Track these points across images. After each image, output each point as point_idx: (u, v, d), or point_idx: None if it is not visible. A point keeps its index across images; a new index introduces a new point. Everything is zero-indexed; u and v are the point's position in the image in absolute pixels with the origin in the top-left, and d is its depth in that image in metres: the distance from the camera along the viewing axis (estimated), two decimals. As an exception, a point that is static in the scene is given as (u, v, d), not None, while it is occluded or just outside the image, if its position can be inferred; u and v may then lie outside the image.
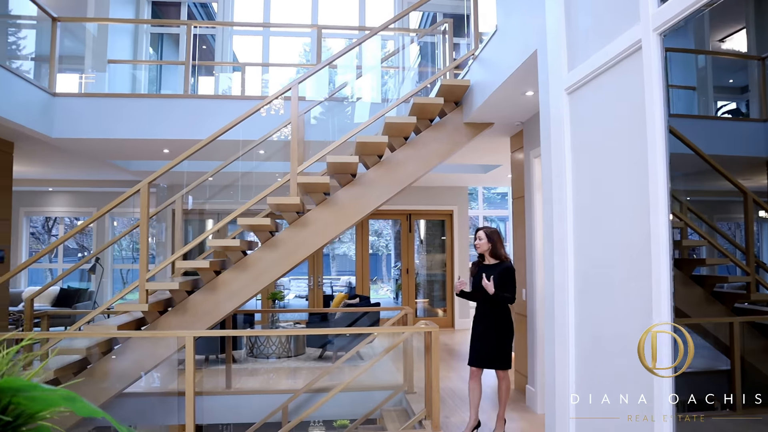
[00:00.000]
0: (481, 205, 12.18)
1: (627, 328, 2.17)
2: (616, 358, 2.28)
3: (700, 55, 2.58)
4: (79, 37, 7.34)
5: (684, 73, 2.60)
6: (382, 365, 6.73)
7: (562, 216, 2.81)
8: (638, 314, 2.11)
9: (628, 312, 2.21)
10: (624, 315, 2.24)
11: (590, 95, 2.56)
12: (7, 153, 6.52)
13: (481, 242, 4.36)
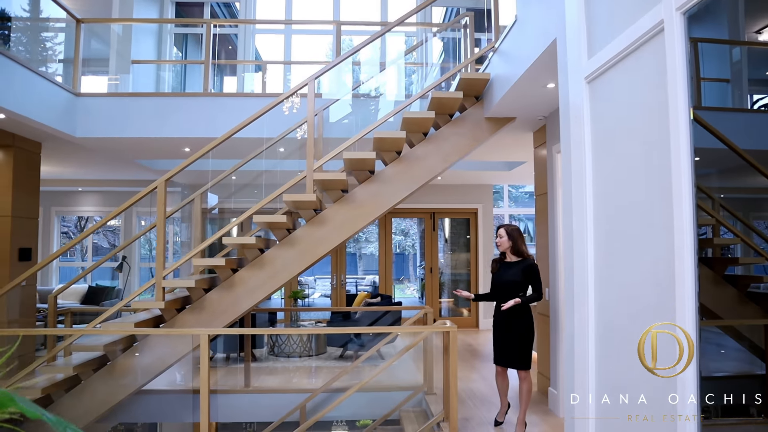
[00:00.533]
0: (506, 203, 11.98)
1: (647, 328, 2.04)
2: (636, 358, 2.14)
3: (735, 48, 2.42)
4: (105, 40, 7.45)
5: (718, 66, 2.45)
6: (403, 365, 6.64)
7: (582, 210, 2.68)
8: (660, 314, 1.98)
9: (649, 312, 2.08)
10: (646, 314, 2.10)
11: (610, 83, 2.43)
12: (35, 153, 6.64)
13: (502, 240, 4.37)
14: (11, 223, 6.18)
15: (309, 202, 4.46)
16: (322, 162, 4.61)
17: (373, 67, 7.16)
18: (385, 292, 10.26)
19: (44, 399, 4.53)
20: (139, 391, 4.89)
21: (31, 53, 6.39)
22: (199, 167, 6.78)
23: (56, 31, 6.68)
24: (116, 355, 4.61)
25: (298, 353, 7.31)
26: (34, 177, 6.64)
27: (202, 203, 10.05)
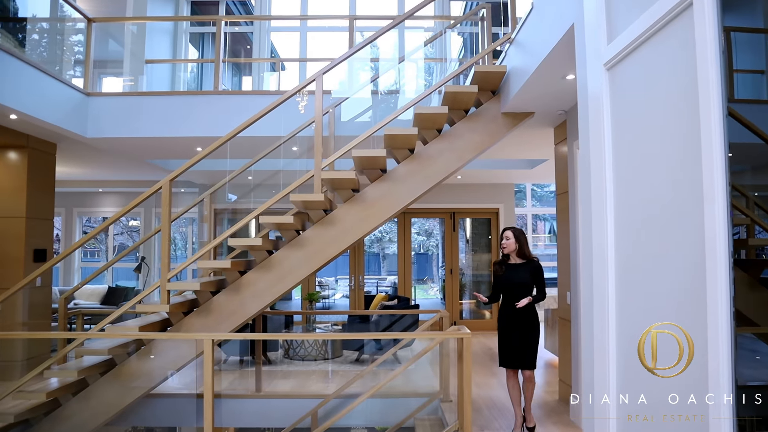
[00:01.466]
0: (529, 202, 11.67)
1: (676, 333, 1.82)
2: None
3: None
4: (121, 42, 7.43)
5: (753, 56, 2.21)
6: (420, 370, 6.44)
7: (601, 207, 2.45)
8: (689, 319, 1.76)
9: (675, 316, 1.85)
10: (671, 318, 1.88)
11: (632, 69, 2.20)
12: (50, 154, 6.63)
13: (509, 241, 4.40)
14: (26, 224, 6.16)
15: (317, 201, 4.30)
16: (330, 160, 4.45)
17: (391, 64, 6.97)
18: (404, 293, 10.07)
19: (51, 403, 4.47)
20: (148, 394, 4.82)
21: (48, 54, 6.39)
22: (217, 167, 6.72)
23: (73, 33, 6.66)
24: (123, 359, 4.52)
25: (313, 356, 7.16)
26: (48, 178, 6.62)
27: (215, 203, 10.02)
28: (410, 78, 7.01)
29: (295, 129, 5.41)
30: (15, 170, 6.20)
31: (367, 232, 4.62)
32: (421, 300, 15.17)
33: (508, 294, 4.35)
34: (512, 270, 4.37)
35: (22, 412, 4.28)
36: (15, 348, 5.62)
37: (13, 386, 4.27)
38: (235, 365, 6.91)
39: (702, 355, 1.70)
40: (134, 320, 4.44)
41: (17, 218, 6.13)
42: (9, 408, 4.36)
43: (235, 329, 4.47)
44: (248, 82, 10.56)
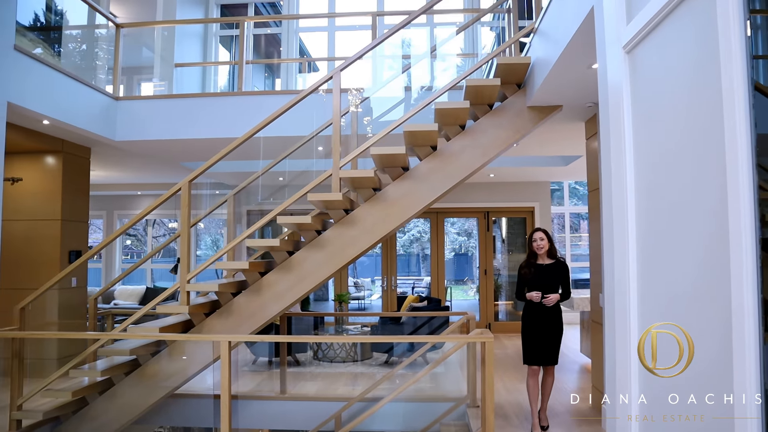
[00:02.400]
0: (567, 200, 11.31)
1: (705, 336, 1.64)
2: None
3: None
4: (150, 47, 7.56)
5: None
6: (449, 374, 6.29)
7: (622, 202, 2.27)
8: (712, 314, 1.58)
9: (700, 313, 1.67)
10: (695, 314, 1.70)
11: (651, 49, 2.02)
12: (84, 158, 6.80)
13: (543, 242, 4.54)
14: (61, 226, 6.32)
15: (335, 201, 4.21)
16: (348, 159, 4.35)
17: (422, 61, 6.84)
18: (437, 294, 9.91)
19: (79, 401, 4.54)
20: (175, 394, 4.84)
21: (81, 60, 6.55)
22: (249, 169, 6.73)
23: (106, 40, 6.80)
24: (147, 359, 4.55)
25: (342, 358, 7.09)
26: (83, 181, 6.79)
27: (247, 205, 10.08)
28: (441, 74, 6.87)
29: (317, 128, 5.35)
30: (51, 174, 6.37)
31: (389, 231, 4.50)
32: (459, 301, 14.95)
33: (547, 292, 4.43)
34: (541, 270, 4.49)
35: (50, 410, 4.36)
36: (49, 347, 5.76)
37: (41, 385, 4.35)
38: (264, 366, 6.91)
39: (709, 354, 1.52)
40: (157, 321, 4.45)
41: (53, 221, 6.30)
42: (38, 405, 4.45)
43: (256, 331, 4.43)
44: (280, 84, 10.62)
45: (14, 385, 4.28)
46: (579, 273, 11.85)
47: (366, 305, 14.46)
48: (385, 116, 6.10)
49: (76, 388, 4.30)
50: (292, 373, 6.47)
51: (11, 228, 6.30)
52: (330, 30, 8.31)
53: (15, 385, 4.27)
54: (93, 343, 4.45)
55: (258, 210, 9.47)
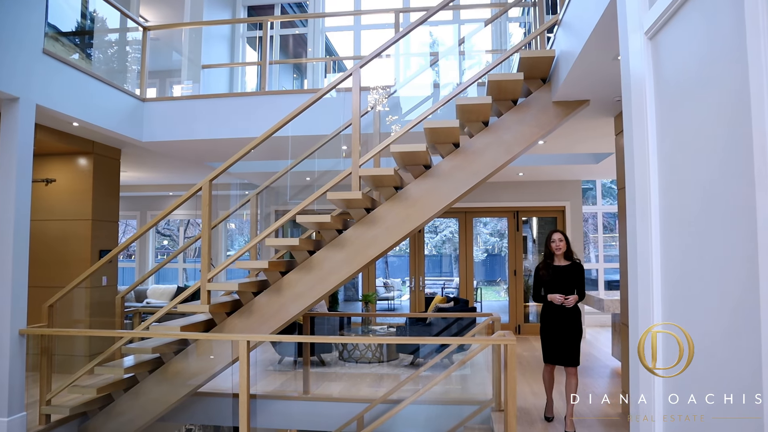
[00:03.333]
0: (599, 200, 11.00)
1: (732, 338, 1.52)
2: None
3: None
4: (178, 50, 7.66)
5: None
6: (475, 376, 6.17)
7: (645, 202, 2.15)
8: (743, 327, 1.46)
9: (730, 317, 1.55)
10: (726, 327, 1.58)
11: (675, 33, 1.89)
12: (115, 159, 6.93)
13: (561, 243, 4.63)
14: (92, 226, 6.46)
15: (355, 200, 4.16)
16: (368, 157, 4.29)
17: (449, 59, 6.74)
18: (465, 295, 9.77)
19: (106, 398, 4.61)
20: (197, 392, 4.87)
21: (110, 63, 6.68)
22: (277, 169, 6.76)
23: (136, 43, 6.92)
24: (170, 357, 4.58)
25: (367, 359, 7.05)
26: (113, 182, 6.92)
27: (276, 205, 10.12)
28: (469, 72, 6.75)
29: (339, 127, 5.32)
30: (82, 175, 6.52)
31: (411, 230, 4.42)
32: (489, 302, 14.72)
33: (555, 294, 4.54)
34: (558, 272, 4.59)
35: (77, 405, 4.44)
36: (78, 344, 5.88)
37: (69, 380, 4.43)
38: (290, 366, 6.91)
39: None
40: (180, 320, 4.48)
41: (84, 221, 6.44)
42: (66, 401, 4.53)
43: (277, 331, 4.41)
44: (307, 85, 10.65)
45: (43, 381, 4.37)
46: (613, 274, 11.52)
47: (395, 306, 14.39)
48: (410, 114, 6.02)
49: (101, 385, 4.36)
50: (316, 374, 6.45)
51: (45, 228, 6.47)
52: (356, 29, 8.28)
53: (44, 380, 4.36)
54: (118, 341, 4.50)
55: (285, 210, 9.51)
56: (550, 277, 4.56)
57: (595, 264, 10.74)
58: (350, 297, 13.87)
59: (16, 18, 4.38)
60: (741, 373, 1.47)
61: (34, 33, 4.57)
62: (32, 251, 6.43)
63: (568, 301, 4.43)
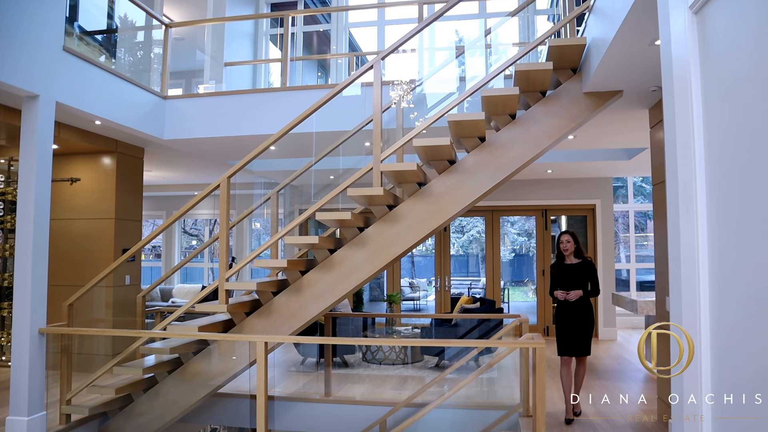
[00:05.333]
0: (630, 198, 10.65)
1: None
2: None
3: None
4: (202, 49, 7.64)
5: None
6: (503, 379, 5.98)
7: (689, 198, 1.96)
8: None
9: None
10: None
11: (725, 7, 1.70)
12: (138, 158, 6.93)
13: (569, 244, 4.92)
14: (114, 225, 6.46)
15: (377, 196, 4.02)
16: (390, 152, 4.14)
17: (476, 53, 6.56)
18: (492, 296, 9.55)
19: (125, 398, 4.56)
20: (217, 393, 4.79)
21: (140, 62, 6.68)
22: (301, 167, 6.68)
23: (159, 43, 6.90)
24: (189, 358, 4.51)
25: (391, 360, 6.90)
26: (137, 181, 6.92)
27: (300, 204, 10.06)
28: (495, 65, 6.56)
29: (362, 122, 5.20)
30: (105, 174, 6.52)
31: (435, 228, 4.25)
32: (518, 303, 14.43)
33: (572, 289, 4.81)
34: (567, 270, 4.89)
35: (96, 405, 4.40)
36: (101, 343, 5.87)
37: (88, 380, 4.40)
38: (312, 367, 6.81)
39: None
40: (199, 319, 4.41)
41: (107, 219, 6.45)
42: (85, 401, 4.50)
43: (297, 332, 4.30)
44: (331, 82, 10.55)
45: (63, 381, 4.34)
46: (644, 275, 11.16)
47: (421, 306, 14.21)
48: (434, 110, 5.85)
49: (120, 385, 4.31)
50: (338, 375, 6.34)
51: (70, 226, 6.50)
52: (380, 24, 8.14)
53: (64, 380, 4.33)
54: (137, 341, 4.45)
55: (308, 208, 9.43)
56: (561, 275, 4.89)
57: (626, 264, 10.39)
58: (375, 297, 13.75)
59: (32, 16, 4.35)
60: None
61: (54, 30, 4.54)
62: (58, 250, 6.50)
63: (569, 296, 4.72)
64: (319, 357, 6.81)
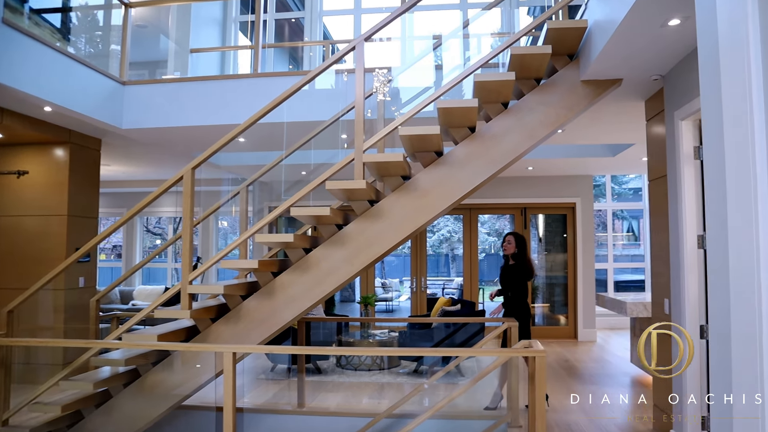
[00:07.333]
0: (609, 197, 10.54)
1: None
2: None
3: None
4: (166, 34, 7.13)
5: None
6: (487, 385, 5.67)
7: (746, 188, 1.65)
8: None
9: None
10: None
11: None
12: (94, 150, 6.41)
13: (510, 245, 5.19)
14: (67, 222, 5.93)
15: (358, 190, 3.65)
16: (373, 141, 3.78)
17: (455, 44, 6.26)
18: (470, 297, 9.28)
19: (74, 415, 4.07)
20: (180, 406, 4.35)
21: (97, 46, 6.15)
22: (270, 162, 6.28)
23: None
24: (147, 369, 4.06)
25: (367, 366, 6.54)
26: (93, 175, 6.40)
27: (270, 201, 9.62)
28: (474, 54, 6.28)
29: (340, 111, 4.82)
30: (57, 166, 5.99)
31: (420, 225, 3.91)
32: (492, 304, 14.28)
33: (504, 291, 5.20)
34: (508, 270, 5.21)
35: (39, 426, 3.90)
36: (47, 352, 5.35)
37: (30, 396, 3.90)
38: (283, 374, 6.40)
39: None
40: (157, 327, 3.96)
41: (58, 216, 5.92)
42: (26, 420, 4.01)
43: (268, 339, 3.90)
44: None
45: (0, 398, 3.83)
46: (620, 274, 11.08)
47: (394, 307, 13.89)
48: (413, 102, 5.53)
49: (68, 402, 3.82)
50: (312, 383, 5.94)
51: (17, 224, 5.95)
52: (356, 13, 7.75)
53: (1, 397, 3.83)
54: (87, 351, 3.97)
55: (279, 206, 8.99)
56: (504, 275, 5.23)
57: (604, 264, 10.26)
58: (347, 298, 13.36)
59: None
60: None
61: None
62: (3, 249, 5.93)
63: (493, 313, 5.26)
64: (291, 363, 6.40)
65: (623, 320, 7.99)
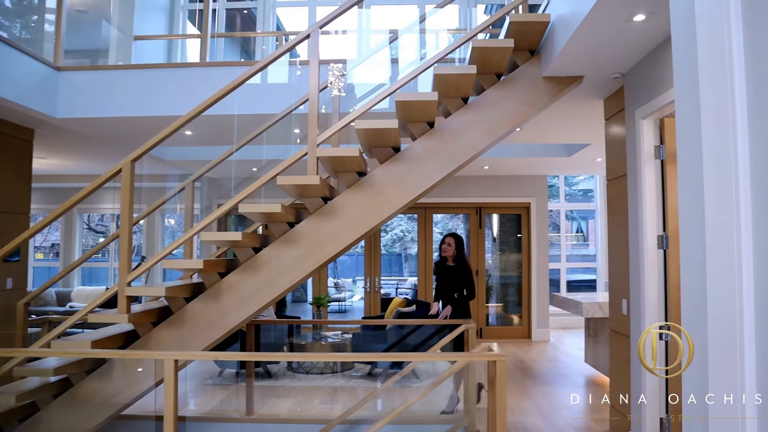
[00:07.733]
0: (562, 197, 10.66)
1: None
2: None
3: None
4: (107, 19, 6.71)
5: None
6: (443, 389, 5.55)
7: (726, 183, 1.55)
8: None
9: None
10: None
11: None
12: (26, 140, 5.93)
13: (450, 248, 5.13)
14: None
15: (312, 186, 3.45)
16: (328, 134, 3.59)
17: (411, 40, 6.13)
18: (424, 297, 9.18)
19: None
20: (119, 416, 4.03)
21: (35, 30, 5.70)
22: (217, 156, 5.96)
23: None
24: (81, 378, 3.73)
25: (320, 369, 6.32)
26: (24, 168, 5.92)
27: (219, 198, 9.26)
28: (431, 50, 6.18)
29: (294, 103, 4.60)
30: (-18, 158, 5.50)
31: (376, 224, 3.75)
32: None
33: (445, 292, 5.07)
34: (448, 271, 5.09)
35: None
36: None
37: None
38: (232, 379, 6.10)
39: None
40: (93, 332, 3.65)
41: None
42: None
43: (214, 344, 3.65)
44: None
45: None
46: (572, 274, 11.23)
47: (347, 307, 13.69)
48: (368, 98, 5.36)
49: (-14, 416, 3.47)
50: (261, 388, 5.69)
51: (-65, 220, 5.43)
52: (311, 5, 7.53)
53: None
54: (11, 360, 3.61)
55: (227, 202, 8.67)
56: (442, 276, 5.11)
57: (557, 264, 10.37)
58: (298, 298, 13.06)
59: None
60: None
61: None
62: None
63: (440, 317, 4.96)
64: (240, 368, 6.11)
65: (576, 320, 8.06)
